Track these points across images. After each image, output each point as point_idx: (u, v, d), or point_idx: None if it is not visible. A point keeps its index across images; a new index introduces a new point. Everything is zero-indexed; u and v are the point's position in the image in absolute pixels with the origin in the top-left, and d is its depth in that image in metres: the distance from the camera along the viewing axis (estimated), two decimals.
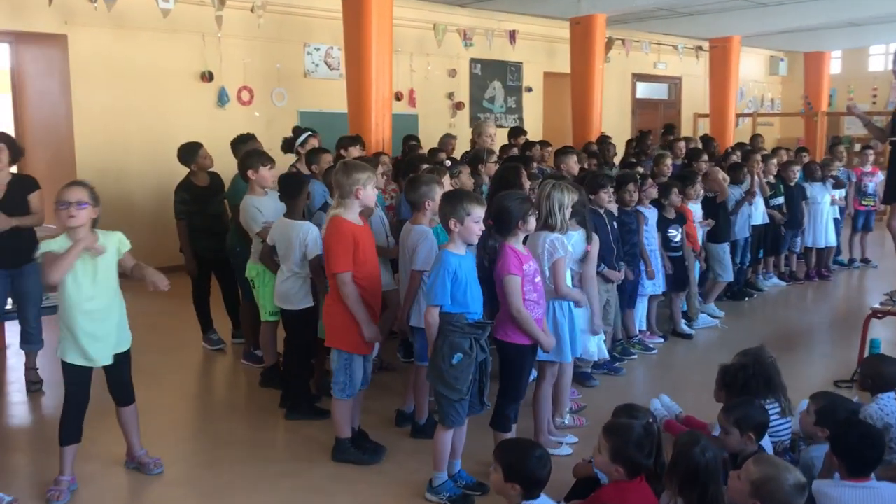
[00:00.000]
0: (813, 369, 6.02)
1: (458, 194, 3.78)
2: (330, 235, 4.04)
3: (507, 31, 11.95)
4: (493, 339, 3.95)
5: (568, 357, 4.29)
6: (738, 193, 7.90)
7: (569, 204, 4.20)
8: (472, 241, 3.73)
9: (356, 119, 8.68)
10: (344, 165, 4.16)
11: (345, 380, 4.15)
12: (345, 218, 4.05)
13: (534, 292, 3.88)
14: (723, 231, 7.53)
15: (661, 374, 6.02)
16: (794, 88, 18.61)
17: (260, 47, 10.43)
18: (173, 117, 9.49)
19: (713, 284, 7.57)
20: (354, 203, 4.09)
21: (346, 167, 4.13)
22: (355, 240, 4.04)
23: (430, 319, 3.68)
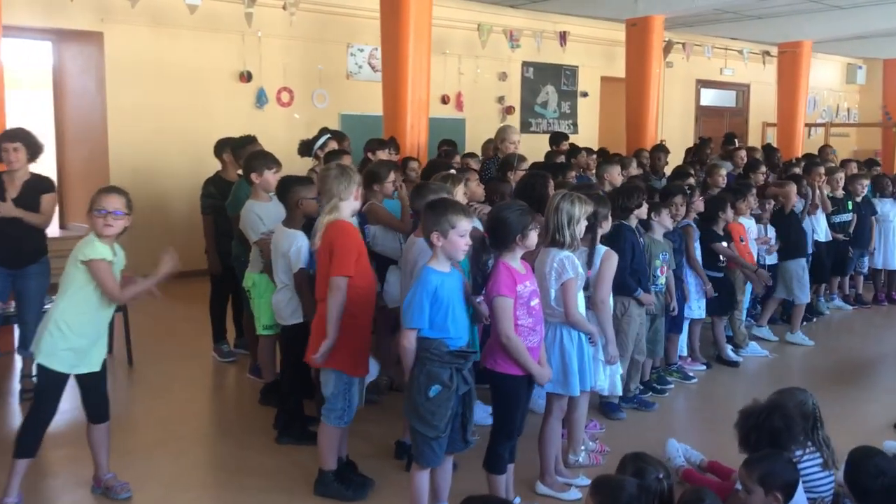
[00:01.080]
0: (873, 408, 5.37)
1: (442, 204, 3.36)
2: (337, 237, 3.68)
3: (558, 32, 11.42)
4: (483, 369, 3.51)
5: (575, 390, 3.80)
6: (799, 207, 7.27)
7: (580, 217, 3.71)
8: (458, 256, 3.31)
9: (391, 122, 8.30)
10: (339, 168, 3.80)
11: (343, 406, 3.75)
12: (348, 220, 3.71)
13: (528, 317, 3.42)
14: (798, 245, 6.90)
15: (699, 408, 5.46)
16: (872, 98, 17.54)
17: (301, 47, 10.18)
18: (210, 118, 9.27)
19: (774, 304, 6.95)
20: (352, 207, 3.74)
21: (342, 171, 3.79)
22: (359, 246, 3.69)
23: (406, 344, 3.26)
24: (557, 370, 3.76)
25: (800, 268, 6.86)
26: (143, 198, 9.14)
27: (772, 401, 3.35)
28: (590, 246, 4.01)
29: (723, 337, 6.33)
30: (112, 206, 3.57)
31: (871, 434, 4.81)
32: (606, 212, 4.10)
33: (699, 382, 5.87)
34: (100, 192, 3.64)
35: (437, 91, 11.44)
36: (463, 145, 10.94)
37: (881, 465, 3.10)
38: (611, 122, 13.58)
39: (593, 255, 4.00)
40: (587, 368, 3.84)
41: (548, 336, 3.77)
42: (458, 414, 3.34)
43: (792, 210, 6.90)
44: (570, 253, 3.73)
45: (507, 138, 7.21)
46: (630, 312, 4.96)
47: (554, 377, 3.75)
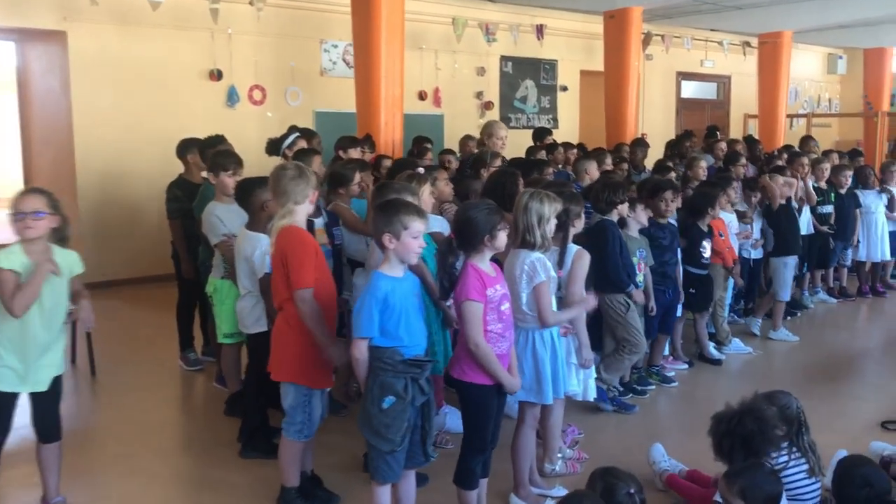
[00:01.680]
0: (860, 406, 5.22)
1: (393, 204, 3.17)
2: (292, 246, 3.45)
3: (535, 25, 11.23)
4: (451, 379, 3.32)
5: (549, 397, 3.61)
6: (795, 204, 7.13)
7: (550, 216, 3.53)
8: (411, 259, 3.13)
9: (365, 119, 8.10)
10: (296, 168, 3.59)
11: (303, 419, 3.56)
12: (301, 227, 3.49)
13: (498, 322, 3.24)
14: (788, 242, 6.74)
15: (681, 410, 5.29)
16: (853, 88, 17.47)
17: (273, 44, 9.95)
18: (179, 117, 9.01)
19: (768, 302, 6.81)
20: (306, 210, 3.53)
21: (298, 171, 3.57)
22: (315, 252, 3.48)
23: (357, 354, 3.08)
24: (530, 377, 3.58)
25: (782, 264, 6.70)
26: (111, 201, 8.94)
27: (744, 404, 3.17)
28: (561, 245, 3.83)
29: (705, 334, 6.17)
30: (31, 207, 3.33)
31: (858, 433, 4.68)
32: (579, 210, 3.92)
33: (681, 382, 5.70)
34: (17, 194, 3.41)
35: (413, 87, 11.26)
36: (441, 142, 10.77)
37: (868, 476, 2.95)
38: (591, 117, 13.40)
39: (565, 255, 3.81)
40: (560, 374, 3.66)
41: (519, 341, 3.59)
42: (417, 426, 3.16)
43: (782, 204, 6.73)
44: (541, 254, 3.55)
45: (495, 133, 7.02)
46: (631, 306, 4.83)
47: (527, 384, 3.58)
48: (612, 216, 4.77)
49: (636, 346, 4.82)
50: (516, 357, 3.54)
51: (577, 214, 3.90)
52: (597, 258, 4.34)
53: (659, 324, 5.48)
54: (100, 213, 8.86)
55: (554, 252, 3.80)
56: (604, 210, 4.74)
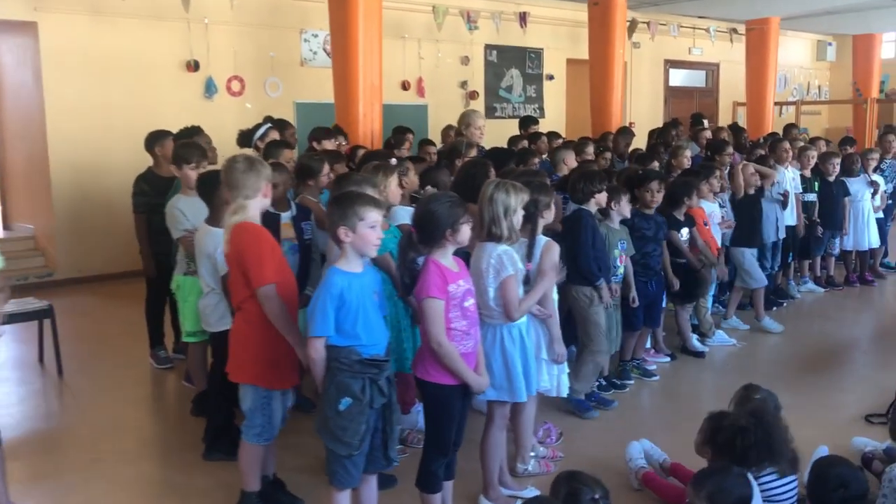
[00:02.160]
0: (844, 399, 5.10)
1: (347, 196, 3.04)
2: (248, 243, 3.29)
3: (518, 13, 11.07)
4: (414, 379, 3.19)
5: (522, 395, 3.48)
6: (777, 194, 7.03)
7: (517, 207, 3.39)
8: (369, 252, 2.99)
9: (343, 109, 7.97)
10: (246, 160, 3.43)
11: (262, 422, 3.41)
12: (256, 223, 3.34)
13: (462, 319, 3.10)
14: (749, 234, 6.60)
15: (662, 404, 5.16)
16: (843, 75, 17.37)
17: (251, 34, 9.77)
18: (155, 110, 8.83)
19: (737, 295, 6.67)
20: (260, 204, 3.38)
21: (248, 162, 3.41)
22: (273, 248, 3.33)
23: (312, 354, 2.94)
24: (500, 375, 3.45)
25: (740, 254, 6.58)
26: (86, 196, 8.76)
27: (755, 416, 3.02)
28: (530, 237, 3.69)
29: (687, 326, 6.05)
30: None
31: (841, 427, 4.57)
32: (548, 200, 3.77)
33: (663, 376, 5.58)
34: None
35: (396, 77, 11.12)
36: (425, 132, 10.60)
37: (844, 477, 2.83)
38: (578, 106, 13.25)
39: (533, 247, 3.67)
40: (531, 371, 3.52)
41: (487, 338, 3.46)
42: (377, 429, 3.03)
43: (750, 194, 6.60)
44: (508, 247, 3.41)
45: (473, 123, 6.88)
46: (596, 302, 4.68)
47: (497, 383, 3.45)
48: (590, 206, 4.63)
49: (596, 345, 4.68)
50: (484, 354, 3.42)
51: (545, 205, 3.75)
52: (569, 248, 4.22)
53: (644, 316, 5.37)
54: (75, 208, 8.70)
55: (522, 244, 3.67)
56: (580, 200, 4.60)
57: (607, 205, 4.84)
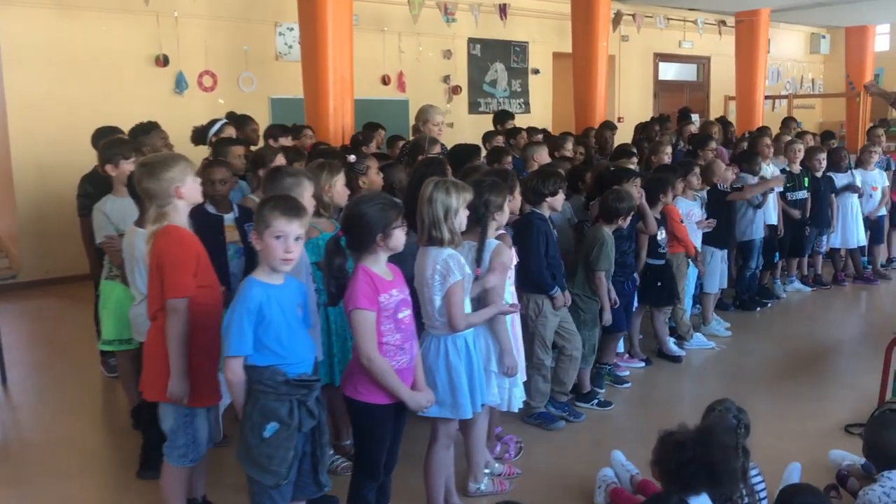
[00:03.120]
0: (825, 407, 4.84)
1: (267, 199, 2.78)
2: (167, 249, 3.02)
3: (497, 5, 10.78)
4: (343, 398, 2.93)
5: (467, 411, 3.22)
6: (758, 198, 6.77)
7: (458, 208, 3.12)
8: (277, 266, 2.71)
9: (312, 105, 7.68)
10: (143, 167, 3.14)
11: (186, 442, 3.14)
12: (179, 225, 3.07)
13: (396, 332, 2.84)
14: (720, 234, 6.32)
15: (635, 413, 4.90)
16: (836, 68, 17.04)
17: (224, 28, 9.48)
18: (123, 106, 8.48)
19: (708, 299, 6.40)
20: (181, 206, 3.10)
21: (147, 168, 3.11)
22: (198, 255, 3.06)
23: (230, 376, 2.68)
24: (444, 390, 3.19)
25: (709, 254, 6.31)
26: (51, 195, 8.47)
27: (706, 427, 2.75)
28: (479, 241, 3.42)
29: (664, 329, 5.79)
30: None
31: (819, 438, 4.33)
32: (500, 201, 3.49)
33: (636, 382, 5.33)
34: None
35: (376, 71, 10.86)
36: (406, 128, 10.31)
37: None
38: (565, 101, 12.93)
39: (483, 252, 3.41)
40: (478, 384, 3.26)
41: (431, 350, 3.20)
42: (306, 453, 2.77)
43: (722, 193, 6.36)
44: (453, 251, 3.15)
45: (431, 119, 6.58)
46: (545, 312, 4.40)
47: (440, 398, 3.18)
48: (542, 209, 4.36)
49: (541, 366, 4.41)
50: (427, 368, 3.16)
51: (497, 206, 3.48)
52: (520, 254, 3.96)
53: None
54: (39, 208, 8.42)
55: (471, 248, 3.41)
56: (533, 201, 4.33)
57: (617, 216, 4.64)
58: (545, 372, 4.53)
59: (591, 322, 4.77)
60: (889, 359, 4.65)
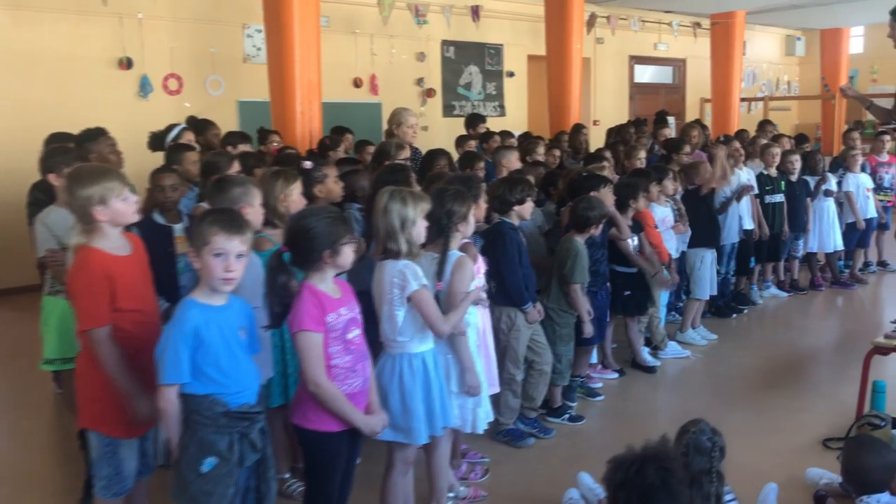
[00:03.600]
0: (803, 420, 4.69)
1: (208, 212, 2.58)
2: (74, 276, 2.79)
3: (470, 6, 10.62)
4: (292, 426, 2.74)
5: (420, 437, 3.03)
6: (727, 190, 6.62)
7: (415, 219, 2.95)
8: (216, 286, 2.52)
9: (279, 108, 7.49)
10: (68, 178, 2.89)
11: (109, 474, 2.90)
12: (95, 247, 2.83)
13: (345, 354, 2.66)
14: (705, 233, 6.19)
15: (606, 429, 4.72)
16: (812, 70, 17.08)
17: (190, 30, 9.25)
18: (85, 111, 8.22)
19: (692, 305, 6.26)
20: (105, 227, 2.84)
21: (69, 181, 2.85)
22: (111, 278, 2.81)
23: (164, 406, 2.47)
24: (398, 413, 3.00)
25: (698, 259, 6.18)
26: (5, 202, 8.20)
27: (649, 448, 2.61)
28: (441, 253, 3.24)
29: (638, 339, 5.63)
30: None
31: (796, 454, 4.18)
32: (464, 211, 3.30)
33: (609, 395, 5.17)
34: None
35: (348, 74, 10.68)
36: (379, 131, 10.10)
37: None
38: (540, 104, 12.81)
39: (445, 264, 3.22)
40: (437, 407, 3.07)
41: (385, 370, 3.02)
42: (249, 488, 2.58)
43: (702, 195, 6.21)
44: (409, 261, 2.96)
45: (405, 121, 6.39)
46: (518, 325, 4.23)
47: (395, 422, 3.00)
48: (511, 218, 4.18)
49: (511, 381, 4.25)
50: (382, 389, 2.98)
51: (461, 217, 3.30)
52: (494, 266, 3.78)
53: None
54: None
55: (433, 261, 3.22)
56: (500, 210, 4.15)
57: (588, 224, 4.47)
58: (515, 387, 4.36)
59: (566, 337, 4.59)
60: (867, 370, 4.53)
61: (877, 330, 5.33)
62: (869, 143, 9.14)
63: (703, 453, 2.83)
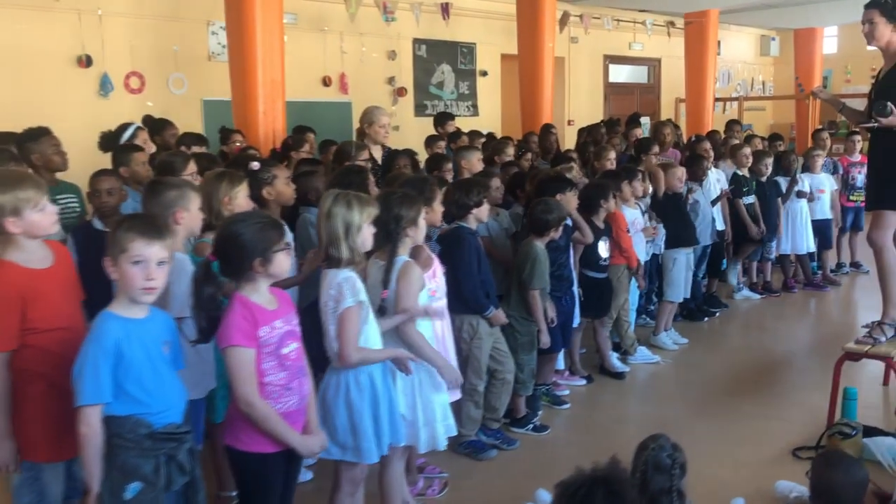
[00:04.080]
0: (774, 428, 4.56)
1: (126, 217, 2.39)
2: None
3: (439, 4, 10.45)
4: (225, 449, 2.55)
5: (372, 456, 2.86)
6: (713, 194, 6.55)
7: (361, 224, 2.77)
8: (136, 297, 2.34)
9: (241, 108, 7.29)
10: None
11: (31, 501, 2.72)
12: (8, 260, 2.61)
13: (280, 371, 2.48)
14: (679, 233, 6.06)
15: (572, 439, 4.58)
16: (787, 70, 17.05)
17: (152, 27, 8.98)
18: (43, 110, 7.85)
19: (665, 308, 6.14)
20: (19, 239, 2.62)
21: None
22: (27, 296, 2.60)
23: (83, 430, 2.29)
24: (345, 431, 2.83)
25: (671, 260, 6.06)
26: None
27: (598, 471, 2.44)
28: (388, 260, 3.06)
29: (606, 344, 5.50)
30: None
31: (765, 465, 4.05)
32: (413, 215, 3.13)
33: (576, 403, 5.02)
34: None
35: (316, 73, 10.43)
36: (349, 131, 9.94)
37: None
38: (514, 103, 12.68)
39: (390, 272, 3.04)
40: (384, 425, 2.90)
41: (331, 387, 2.85)
42: None
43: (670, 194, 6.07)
44: (352, 273, 2.79)
45: (376, 121, 6.17)
46: (480, 334, 4.07)
47: (341, 440, 2.84)
48: (468, 222, 4.02)
49: (474, 391, 4.09)
50: (327, 406, 2.80)
51: (410, 221, 3.12)
52: (451, 273, 3.61)
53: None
54: None
55: (380, 268, 3.05)
56: (457, 214, 3.99)
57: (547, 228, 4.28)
58: (478, 398, 4.20)
59: (528, 345, 4.43)
60: (838, 376, 4.43)
61: (850, 333, 5.23)
62: (841, 144, 9.09)
63: (662, 471, 2.68)
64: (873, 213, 4.55)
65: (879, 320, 4.54)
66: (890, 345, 4.40)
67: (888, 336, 4.44)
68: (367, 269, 3.01)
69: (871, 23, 4.40)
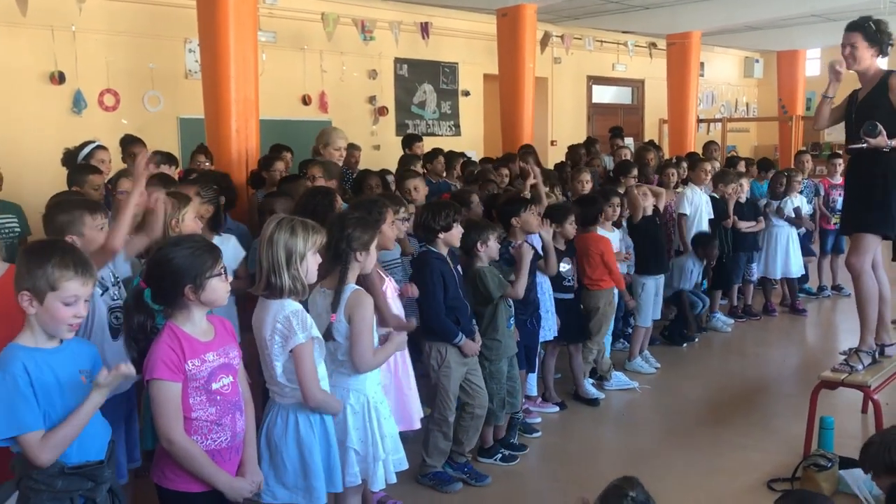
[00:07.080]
0: (749, 458, 4.43)
1: (44, 248, 2.24)
2: None
3: (418, 23, 10.38)
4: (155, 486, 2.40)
5: (321, 496, 2.70)
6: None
7: (306, 252, 2.63)
8: (61, 333, 2.21)
9: (213, 126, 7.12)
10: None
11: None
12: None
13: (209, 406, 2.34)
14: (647, 260, 5.94)
15: (541, 470, 4.43)
16: (770, 92, 17.08)
17: (127, 44, 8.86)
18: (13, 126, 7.90)
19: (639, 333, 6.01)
20: None
21: None
22: None
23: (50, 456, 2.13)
24: (295, 471, 2.68)
25: (639, 286, 5.94)
26: None
27: None
28: (338, 283, 2.91)
29: (580, 369, 5.35)
30: None
31: (738, 498, 3.97)
32: (366, 238, 2.99)
33: (547, 431, 4.87)
34: None
35: (296, 91, 10.34)
36: None
37: None
38: (497, 123, 12.63)
39: (340, 298, 2.89)
40: (336, 463, 2.74)
41: (278, 424, 2.70)
42: None
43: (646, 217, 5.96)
44: (299, 306, 2.64)
45: (332, 143, 6.07)
46: (448, 362, 3.91)
47: (290, 481, 2.70)
48: (437, 246, 3.88)
49: (443, 413, 3.95)
50: (275, 446, 2.66)
51: (362, 245, 2.98)
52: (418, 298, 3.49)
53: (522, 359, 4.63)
54: None
55: (326, 295, 2.91)
56: (425, 238, 3.86)
57: (472, 246, 4.09)
58: (446, 429, 4.04)
59: (497, 374, 4.26)
60: (814, 405, 4.31)
61: (829, 359, 5.12)
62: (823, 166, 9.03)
63: None
64: (853, 238, 4.45)
65: (857, 347, 4.43)
66: (867, 373, 4.29)
67: (865, 364, 4.33)
68: (311, 299, 2.86)
69: (853, 46, 4.32)
